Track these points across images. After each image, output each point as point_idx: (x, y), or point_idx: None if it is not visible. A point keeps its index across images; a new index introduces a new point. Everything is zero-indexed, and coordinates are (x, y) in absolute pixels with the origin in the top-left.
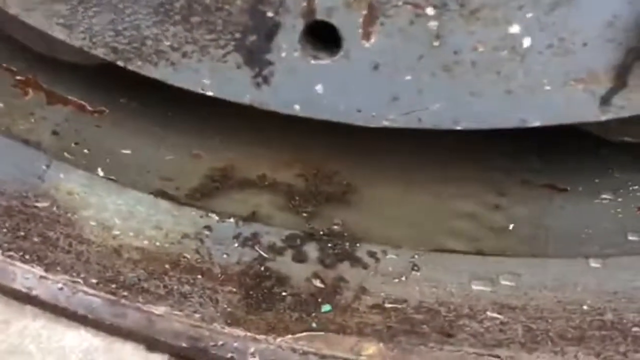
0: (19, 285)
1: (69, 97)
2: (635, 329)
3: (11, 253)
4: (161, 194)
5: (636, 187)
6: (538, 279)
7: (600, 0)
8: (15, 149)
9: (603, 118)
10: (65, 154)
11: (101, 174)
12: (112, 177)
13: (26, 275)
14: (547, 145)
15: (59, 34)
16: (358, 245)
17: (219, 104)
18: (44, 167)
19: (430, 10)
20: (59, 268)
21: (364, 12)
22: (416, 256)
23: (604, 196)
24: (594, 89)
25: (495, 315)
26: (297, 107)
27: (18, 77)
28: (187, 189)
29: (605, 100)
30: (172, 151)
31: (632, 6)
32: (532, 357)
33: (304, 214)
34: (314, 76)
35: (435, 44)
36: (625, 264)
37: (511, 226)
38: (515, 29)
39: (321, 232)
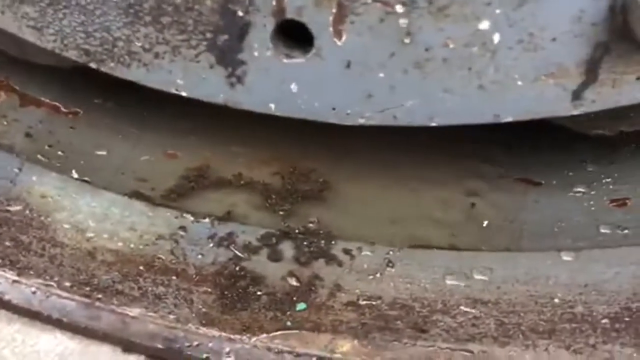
0: None
1: (43, 99)
2: (604, 320)
3: None
4: (136, 195)
5: (609, 179)
6: (511, 273)
7: None
8: None
9: (575, 112)
10: (39, 156)
11: (76, 176)
12: (87, 179)
13: None
14: (522, 139)
15: (30, 36)
16: (333, 242)
17: (194, 104)
18: (16, 170)
19: (399, 8)
20: (32, 272)
21: (334, 10)
22: (391, 252)
23: (577, 189)
24: (565, 83)
25: (468, 310)
26: (272, 106)
27: None
28: (162, 189)
29: (576, 95)
30: (147, 151)
31: (597, 1)
32: (504, 351)
33: (281, 213)
34: (288, 75)
35: (406, 41)
36: (597, 256)
37: (486, 222)
38: (484, 25)
39: (297, 231)
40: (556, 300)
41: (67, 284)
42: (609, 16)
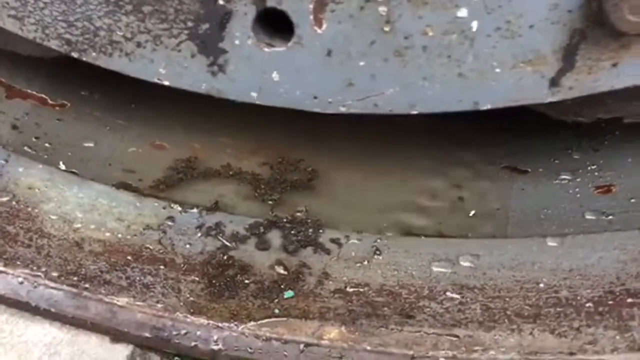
0: None
1: (29, 91)
2: (588, 304)
3: None
4: (124, 186)
5: (594, 167)
6: (496, 259)
7: None
8: None
9: (553, 99)
10: (26, 148)
11: (63, 167)
12: (74, 171)
13: None
14: (509, 127)
15: (11, 26)
16: (321, 231)
17: (182, 94)
18: (2, 162)
19: None
20: (19, 262)
21: None
22: (378, 240)
23: (563, 176)
24: (542, 70)
25: (454, 295)
26: (254, 95)
27: None
28: (150, 180)
29: (554, 82)
30: (135, 143)
31: None
32: (489, 336)
33: (270, 202)
34: (269, 63)
35: (386, 29)
36: (582, 242)
37: (473, 211)
38: (463, 12)
39: (284, 220)
40: (541, 285)
41: (55, 274)
42: (585, 3)
